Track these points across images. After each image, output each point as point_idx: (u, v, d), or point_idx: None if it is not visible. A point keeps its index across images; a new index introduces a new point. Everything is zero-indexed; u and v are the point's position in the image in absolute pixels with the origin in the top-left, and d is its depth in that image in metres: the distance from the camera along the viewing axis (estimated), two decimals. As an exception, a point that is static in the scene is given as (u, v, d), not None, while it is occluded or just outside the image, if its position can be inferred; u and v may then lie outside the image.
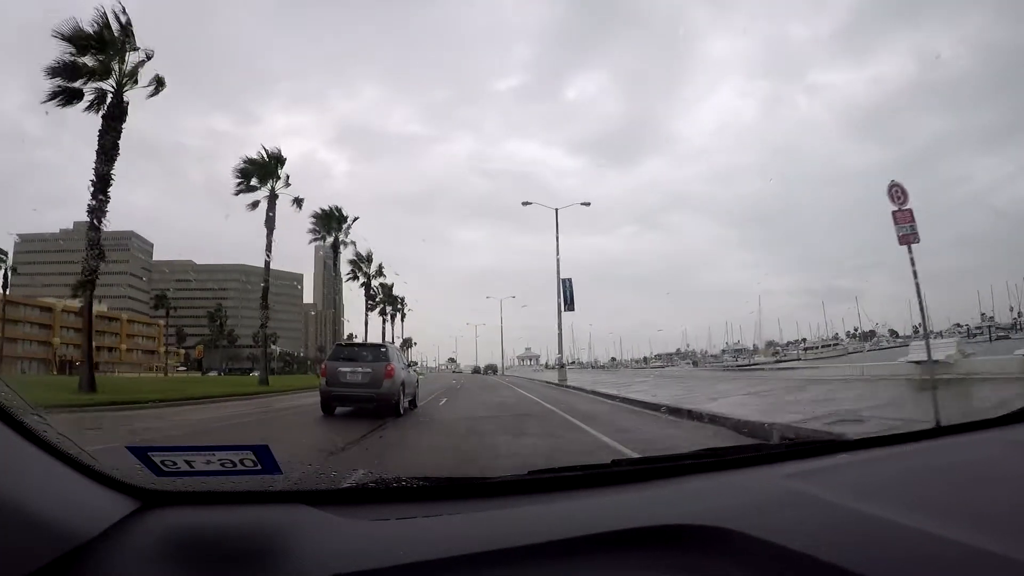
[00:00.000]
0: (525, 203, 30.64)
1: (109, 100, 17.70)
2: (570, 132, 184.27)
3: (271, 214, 30.90)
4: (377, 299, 62.63)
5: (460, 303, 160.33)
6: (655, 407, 9.06)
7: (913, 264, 8.64)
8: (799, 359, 58.77)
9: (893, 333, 75.12)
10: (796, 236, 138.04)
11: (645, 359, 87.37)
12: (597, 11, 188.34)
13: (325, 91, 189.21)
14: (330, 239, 39.01)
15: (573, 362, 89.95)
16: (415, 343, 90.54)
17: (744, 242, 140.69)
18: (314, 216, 37.79)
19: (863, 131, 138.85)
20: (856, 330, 78.32)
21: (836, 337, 75.00)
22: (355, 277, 50.76)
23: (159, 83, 18.66)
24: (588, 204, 33.63)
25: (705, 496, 1.00)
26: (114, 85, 17.94)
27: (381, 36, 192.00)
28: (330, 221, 38.76)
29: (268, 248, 30.80)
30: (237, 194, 30.56)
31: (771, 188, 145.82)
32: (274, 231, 31.29)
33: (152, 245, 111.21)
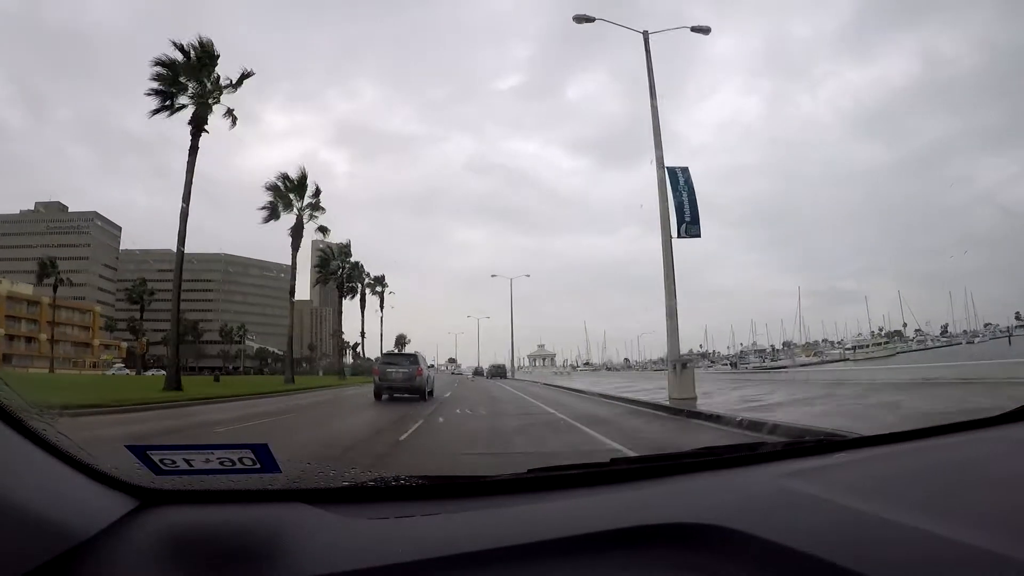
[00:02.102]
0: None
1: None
2: (571, 132, 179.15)
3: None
4: (332, 264, 47.00)
5: (460, 303, 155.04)
6: None
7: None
8: (846, 359, 54.11)
9: (944, 330, 70.64)
10: (799, 237, 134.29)
11: (662, 360, 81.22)
12: (597, 9, 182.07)
13: (324, 91, 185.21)
14: (184, 99, 22.01)
15: (586, 363, 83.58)
16: (408, 340, 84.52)
17: (748, 243, 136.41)
18: (159, 62, 21.83)
19: (868, 130, 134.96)
20: (881, 330, 74.43)
21: (883, 334, 70.43)
22: (274, 213, 32.75)
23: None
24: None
25: (703, 494, 0.99)
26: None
27: (381, 35, 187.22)
28: (198, 74, 22.14)
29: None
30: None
31: (775, 188, 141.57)
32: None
33: (120, 229, 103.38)
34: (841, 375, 17.30)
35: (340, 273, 47.94)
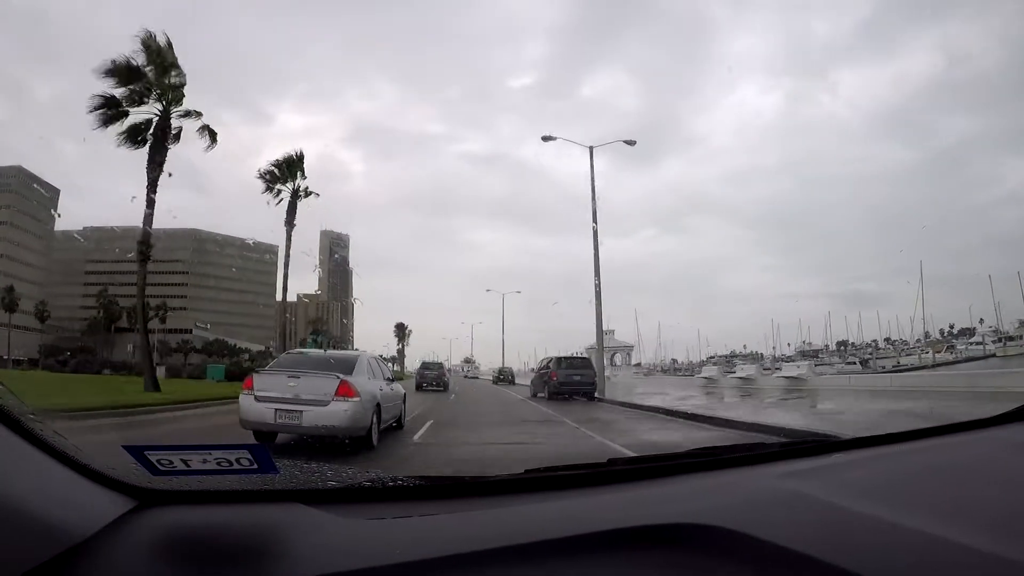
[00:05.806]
0: None
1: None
2: (587, 131, 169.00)
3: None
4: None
5: (476, 302, 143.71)
6: None
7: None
8: (992, 355, 45.55)
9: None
10: (818, 239, 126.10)
11: (730, 358, 71.20)
12: (613, 6, 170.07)
13: (339, 90, 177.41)
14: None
15: (639, 364, 74.58)
16: (410, 330, 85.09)
17: (766, 245, 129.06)
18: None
19: (889, 130, 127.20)
20: (952, 327, 67.13)
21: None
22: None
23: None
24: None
25: (701, 495, 0.99)
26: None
27: (393, 35, 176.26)
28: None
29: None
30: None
31: (793, 189, 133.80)
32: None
33: (58, 192, 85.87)
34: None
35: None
